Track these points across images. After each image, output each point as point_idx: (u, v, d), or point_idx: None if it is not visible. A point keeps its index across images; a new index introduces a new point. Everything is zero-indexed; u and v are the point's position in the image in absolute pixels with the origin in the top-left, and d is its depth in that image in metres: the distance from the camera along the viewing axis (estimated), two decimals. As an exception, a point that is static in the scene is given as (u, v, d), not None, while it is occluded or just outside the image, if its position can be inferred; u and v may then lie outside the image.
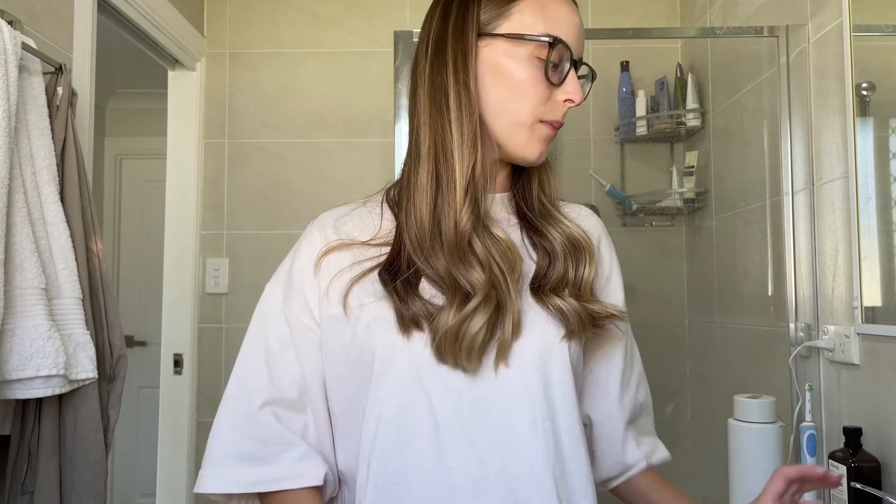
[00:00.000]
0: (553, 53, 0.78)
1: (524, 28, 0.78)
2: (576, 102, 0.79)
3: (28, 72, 1.36)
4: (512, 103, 0.79)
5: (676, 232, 2.50)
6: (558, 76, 0.79)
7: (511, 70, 0.78)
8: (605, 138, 2.51)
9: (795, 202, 1.65)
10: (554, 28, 0.78)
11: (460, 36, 0.78)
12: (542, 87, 0.78)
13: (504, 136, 0.81)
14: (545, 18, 0.78)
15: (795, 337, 1.62)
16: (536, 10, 0.79)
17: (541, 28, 0.78)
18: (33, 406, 1.37)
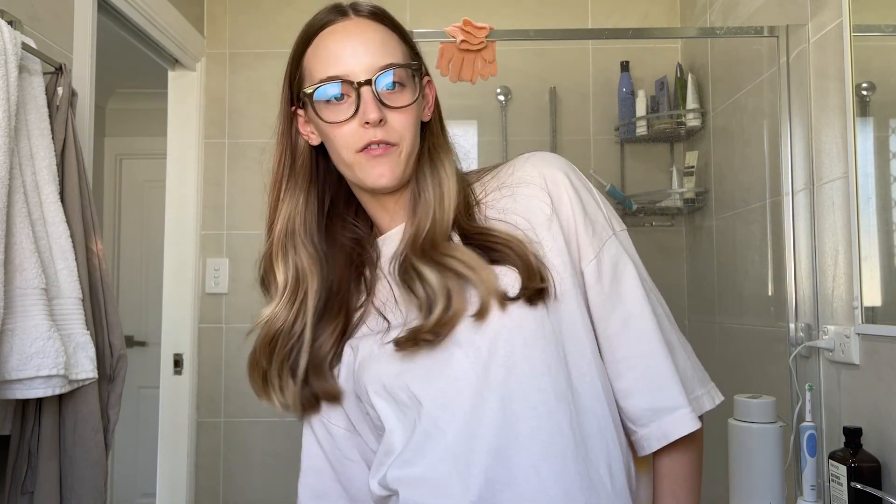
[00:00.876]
0: (327, 90, 0.81)
1: (308, 82, 0.84)
2: (371, 122, 0.79)
3: (28, 72, 1.36)
4: (333, 149, 0.84)
5: (676, 232, 2.50)
6: (352, 107, 0.80)
7: (319, 127, 0.85)
8: (605, 138, 2.51)
9: (795, 202, 1.65)
10: (327, 67, 0.81)
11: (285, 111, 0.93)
12: (344, 127, 0.81)
13: (350, 178, 0.86)
14: (318, 63, 0.83)
15: (795, 337, 1.62)
16: (312, 58, 0.84)
17: (318, 73, 0.82)
18: (33, 406, 1.37)
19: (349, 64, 0.81)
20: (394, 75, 0.81)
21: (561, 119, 2.52)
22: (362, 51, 0.81)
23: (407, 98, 0.82)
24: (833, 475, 1.33)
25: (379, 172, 0.81)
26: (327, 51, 0.82)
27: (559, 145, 2.51)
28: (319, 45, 0.83)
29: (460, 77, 1.68)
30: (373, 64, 0.81)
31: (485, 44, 1.67)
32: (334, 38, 0.82)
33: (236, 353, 2.44)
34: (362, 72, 0.80)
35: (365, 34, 0.83)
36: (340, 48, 0.81)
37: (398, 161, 0.82)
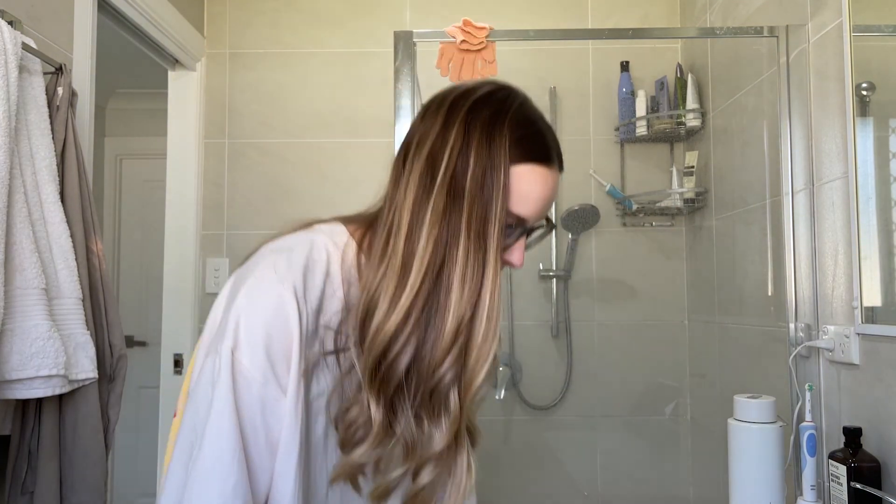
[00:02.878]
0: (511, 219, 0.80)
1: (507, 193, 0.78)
2: (516, 265, 0.83)
3: (28, 72, 1.37)
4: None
5: (676, 232, 2.51)
6: (512, 236, 0.82)
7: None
8: (605, 138, 2.52)
9: (795, 202, 1.65)
10: (523, 197, 0.79)
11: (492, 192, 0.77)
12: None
13: None
14: (522, 188, 0.79)
15: (795, 337, 1.62)
16: (525, 177, 0.79)
17: (520, 200, 0.79)
18: (33, 406, 1.37)
19: (536, 211, 0.81)
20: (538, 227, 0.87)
21: (561, 119, 2.52)
22: (548, 205, 0.84)
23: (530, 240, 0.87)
24: (833, 475, 1.33)
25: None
26: (534, 190, 0.80)
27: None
28: (533, 178, 0.80)
29: (460, 77, 1.68)
30: (543, 216, 0.85)
31: (485, 44, 1.67)
32: (544, 183, 0.81)
33: (236, 353, 2.44)
34: (535, 219, 0.83)
35: (555, 189, 0.85)
36: (540, 194, 0.81)
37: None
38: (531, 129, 0.84)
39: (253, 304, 0.74)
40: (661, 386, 2.47)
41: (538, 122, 0.86)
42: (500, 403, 2.46)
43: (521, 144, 0.80)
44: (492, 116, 0.81)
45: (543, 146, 0.83)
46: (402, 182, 0.80)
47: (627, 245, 2.50)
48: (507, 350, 2.47)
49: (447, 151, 0.78)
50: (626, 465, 2.45)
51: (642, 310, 2.48)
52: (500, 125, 0.80)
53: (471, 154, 0.78)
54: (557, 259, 2.48)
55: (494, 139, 0.79)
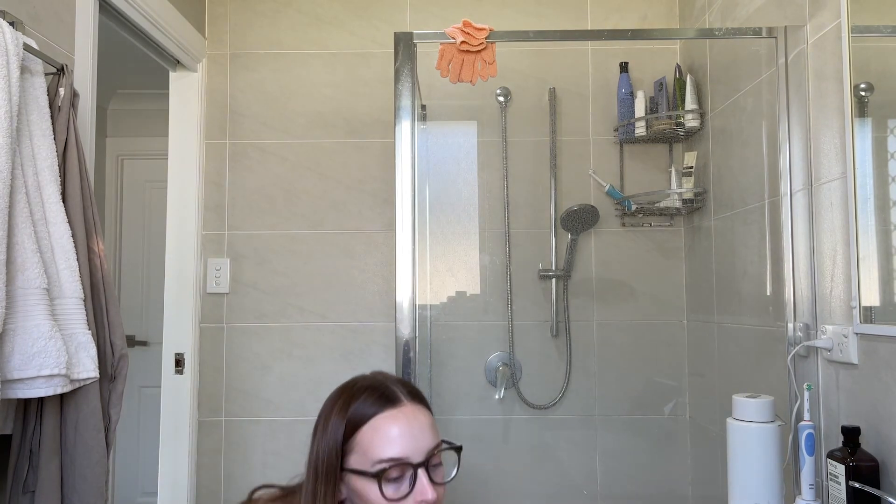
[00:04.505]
0: (391, 472, 0.92)
1: (361, 461, 0.94)
2: (429, 500, 0.92)
3: (30, 73, 1.37)
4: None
5: (675, 232, 2.51)
6: (407, 487, 0.93)
7: (367, 496, 0.93)
8: (604, 139, 2.52)
9: (794, 202, 1.65)
10: (385, 450, 0.93)
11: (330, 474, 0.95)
12: (396, 503, 0.92)
13: None
14: (377, 443, 0.94)
15: (794, 336, 1.63)
16: (369, 436, 0.94)
17: (374, 455, 0.93)
18: (35, 405, 1.38)
19: (409, 447, 0.94)
20: (438, 456, 0.97)
21: (560, 120, 2.53)
22: (419, 435, 0.95)
23: (443, 473, 0.98)
24: (831, 474, 1.33)
25: None
26: (390, 435, 0.94)
27: (558, 146, 2.52)
28: (380, 427, 0.95)
29: (460, 78, 1.68)
30: (426, 446, 0.95)
31: (484, 45, 1.67)
32: (396, 423, 0.95)
33: (237, 352, 2.45)
34: (419, 454, 0.94)
35: (418, 418, 0.97)
36: (400, 433, 0.94)
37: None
38: (356, 395, 0.98)
39: None
40: (660, 385, 2.47)
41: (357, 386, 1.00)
42: (499, 403, 2.46)
43: (353, 410, 0.96)
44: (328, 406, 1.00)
45: (376, 398, 0.97)
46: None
47: (626, 245, 2.50)
48: (506, 350, 2.47)
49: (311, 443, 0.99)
50: (626, 464, 2.45)
51: (641, 310, 2.49)
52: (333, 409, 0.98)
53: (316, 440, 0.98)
54: (557, 259, 2.49)
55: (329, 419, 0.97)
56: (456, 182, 2.52)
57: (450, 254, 2.50)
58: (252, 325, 2.47)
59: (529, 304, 2.49)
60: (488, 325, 2.49)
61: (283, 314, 2.47)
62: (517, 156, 2.53)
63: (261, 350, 2.46)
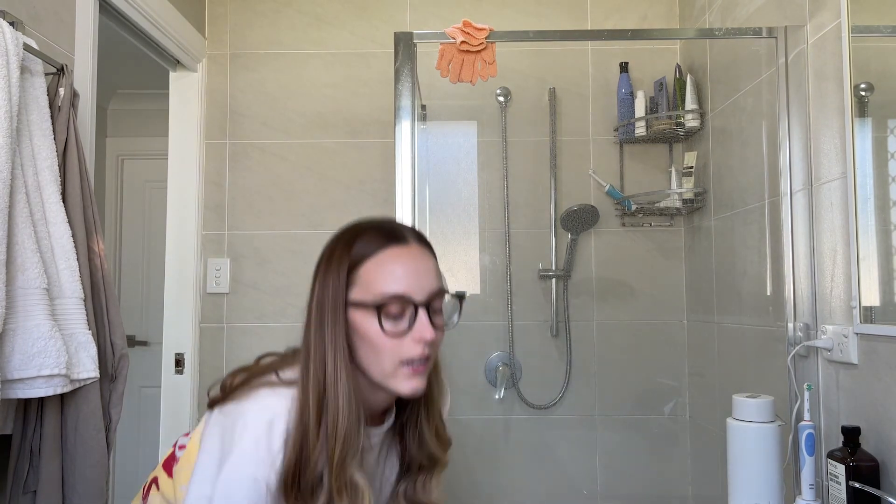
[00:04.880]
0: (392, 307, 0.91)
1: (363, 293, 0.93)
2: (427, 339, 0.92)
3: (30, 73, 1.37)
4: (374, 357, 0.93)
5: (675, 232, 2.51)
6: (406, 324, 0.92)
7: (367, 331, 0.92)
8: (604, 139, 2.52)
9: (794, 202, 1.65)
10: (389, 284, 0.92)
11: (333, 307, 0.93)
12: (396, 339, 0.92)
13: (377, 378, 0.94)
14: (380, 277, 0.92)
15: (794, 336, 1.63)
16: (373, 271, 0.93)
17: (377, 289, 0.92)
18: (35, 405, 1.38)
19: (412, 285, 0.93)
20: (440, 300, 0.96)
21: (560, 120, 2.52)
22: (423, 275, 0.94)
23: (443, 319, 0.98)
24: (832, 474, 1.33)
25: (413, 386, 0.94)
26: (394, 269, 0.93)
27: (558, 146, 2.52)
28: (384, 262, 0.93)
29: (460, 78, 1.68)
30: (429, 288, 0.94)
31: (484, 45, 1.67)
32: (401, 260, 0.94)
33: (237, 352, 2.45)
34: (421, 293, 0.93)
35: (424, 260, 0.96)
36: (404, 270, 0.93)
37: (427, 374, 0.96)
38: (361, 231, 0.96)
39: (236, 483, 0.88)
40: (660, 385, 2.47)
41: (364, 225, 0.98)
42: (499, 403, 2.46)
43: (358, 246, 0.94)
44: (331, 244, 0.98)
45: (382, 235, 0.95)
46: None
47: (626, 245, 2.50)
48: (506, 350, 2.47)
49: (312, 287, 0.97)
50: (626, 464, 2.45)
51: (641, 309, 2.49)
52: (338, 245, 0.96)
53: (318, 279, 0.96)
54: (557, 259, 2.49)
55: (333, 256, 0.95)
56: (456, 182, 2.52)
57: (450, 254, 2.50)
58: (252, 325, 2.47)
59: (529, 304, 2.49)
60: (488, 325, 2.49)
61: (283, 314, 2.47)
62: (517, 156, 2.53)
63: (261, 350, 2.45)
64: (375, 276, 0.92)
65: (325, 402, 0.90)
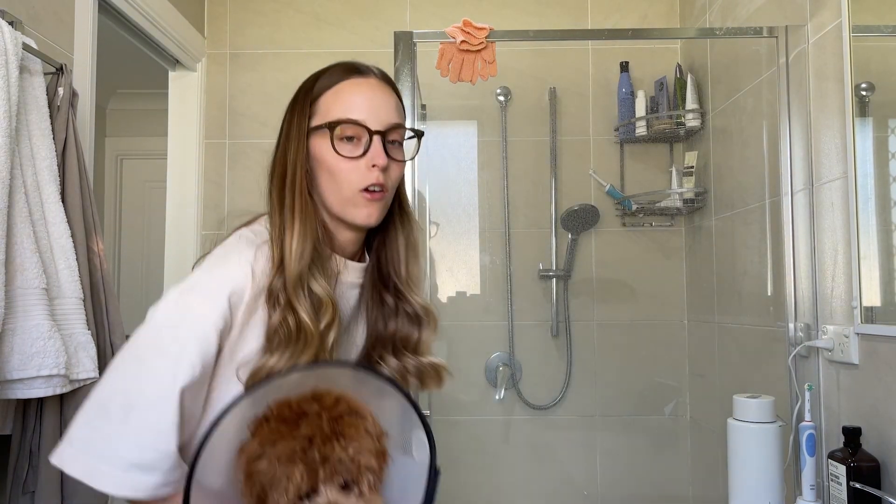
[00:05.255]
0: (345, 129, 0.93)
1: (320, 120, 0.95)
2: (379, 165, 0.93)
3: (29, 72, 1.37)
4: (332, 183, 0.95)
5: (676, 232, 2.51)
6: (361, 150, 0.93)
7: (323, 155, 0.95)
8: (604, 139, 2.52)
9: (795, 202, 1.65)
10: (344, 111, 0.94)
11: (294, 136, 0.97)
12: (350, 162, 0.93)
13: (336, 209, 0.96)
14: (337, 104, 0.95)
15: (795, 337, 1.62)
16: (331, 99, 0.96)
17: (333, 114, 0.94)
18: (34, 406, 1.38)
19: (368, 114, 0.94)
20: (398, 134, 0.97)
21: (560, 119, 2.52)
22: (381, 106, 0.96)
23: (402, 155, 0.98)
24: (832, 475, 1.33)
25: (368, 213, 0.95)
26: (350, 97, 0.95)
27: (559, 146, 2.51)
28: (342, 90, 0.96)
29: (460, 77, 1.68)
30: (386, 120, 0.95)
31: (484, 44, 1.67)
32: (359, 89, 0.96)
33: (237, 352, 2.44)
34: (377, 123, 0.94)
35: (383, 93, 0.98)
36: (362, 99, 0.95)
37: (384, 206, 0.97)
38: (327, 69, 1.01)
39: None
40: (661, 386, 2.47)
41: (332, 64, 1.02)
42: (499, 403, 2.46)
43: (322, 80, 0.99)
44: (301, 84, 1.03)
45: (344, 69, 0.99)
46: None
47: (627, 245, 2.50)
48: (506, 350, 2.47)
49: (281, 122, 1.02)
50: (626, 464, 2.45)
51: (642, 310, 2.48)
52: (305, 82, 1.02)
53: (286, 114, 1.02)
54: (557, 259, 2.49)
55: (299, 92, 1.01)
56: (456, 182, 2.52)
57: (450, 254, 2.50)
58: (252, 325, 2.46)
59: (529, 304, 2.49)
60: (488, 325, 2.48)
61: (282, 314, 2.46)
62: (517, 156, 2.52)
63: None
64: (332, 104, 0.95)
65: (284, 223, 0.92)
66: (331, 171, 0.94)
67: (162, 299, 0.89)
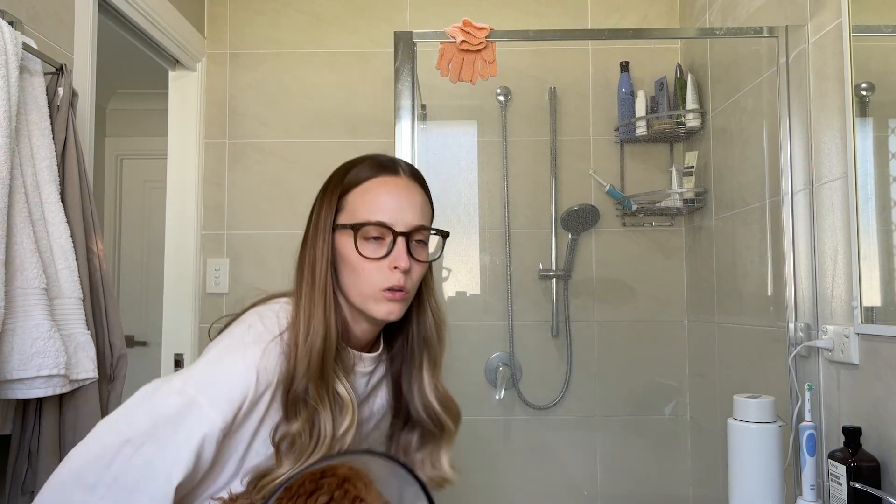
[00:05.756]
0: (370, 231, 0.95)
1: (347, 218, 0.97)
2: (401, 267, 0.95)
3: (29, 72, 1.37)
4: (353, 279, 0.97)
5: (676, 232, 2.51)
6: (384, 251, 0.95)
7: (347, 254, 0.96)
8: (604, 138, 2.52)
9: (795, 202, 1.65)
10: (371, 212, 0.96)
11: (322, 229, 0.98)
12: (373, 263, 0.95)
13: (357, 302, 0.98)
14: (364, 204, 0.96)
15: (795, 337, 1.62)
16: (359, 197, 0.97)
17: (360, 215, 0.96)
18: (34, 406, 1.37)
19: (394, 215, 0.96)
20: (423, 234, 0.99)
21: (560, 119, 2.52)
22: (407, 207, 0.97)
23: (425, 255, 1.00)
24: (832, 475, 1.33)
25: (389, 310, 0.97)
26: (378, 198, 0.97)
27: (559, 146, 2.51)
28: (370, 189, 0.97)
29: (460, 77, 1.68)
30: (412, 221, 0.97)
31: (485, 44, 1.67)
32: (386, 188, 0.97)
33: (236, 353, 2.44)
34: (402, 224, 0.96)
35: (410, 193, 0.99)
36: (389, 199, 0.97)
37: (405, 303, 0.99)
38: (358, 162, 1.01)
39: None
40: (661, 386, 2.47)
41: (364, 157, 1.02)
42: (499, 403, 2.46)
43: (352, 174, 0.99)
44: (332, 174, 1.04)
45: (374, 165, 0.99)
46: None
47: (627, 245, 2.50)
48: (506, 350, 2.47)
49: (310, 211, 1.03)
50: (626, 464, 2.45)
51: (642, 310, 2.48)
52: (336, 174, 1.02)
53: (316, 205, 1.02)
54: (557, 259, 2.48)
55: (329, 183, 1.02)
56: (456, 182, 2.52)
57: (450, 254, 2.50)
58: (252, 326, 2.46)
59: (529, 304, 2.49)
60: (488, 325, 2.48)
61: (282, 314, 2.46)
62: (517, 156, 2.52)
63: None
64: (360, 203, 0.97)
65: (309, 316, 0.93)
66: (354, 269, 0.96)
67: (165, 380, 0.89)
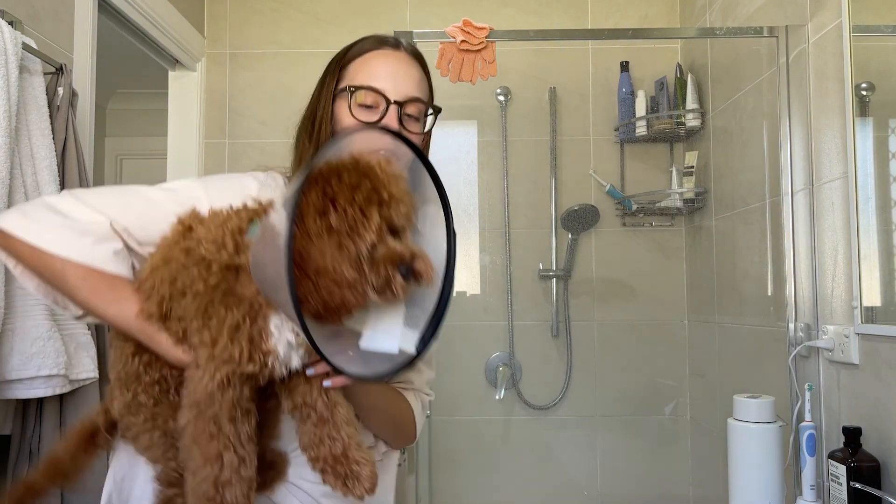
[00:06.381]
0: (364, 97, 0.96)
1: (345, 83, 0.99)
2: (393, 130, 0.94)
3: (29, 72, 1.37)
4: None
5: (676, 232, 2.51)
6: (376, 116, 0.96)
7: (342, 118, 0.98)
8: (604, 138, 2.52)
9: (795, 202, 1.65)
10: (367, 78, 0.97)
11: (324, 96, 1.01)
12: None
13: None
14: (363, 71, 0.99)
15: (795, 337, 1.62)
16: (358, 66, 1.00)
17: (357, 81, 0.98)
18: (34, 406, 1.37)
19: (389, 84, 0.97)
20: (416, 108, 0.98)
21: (560, 119, 2.52)
22: (402, 78, 0.98)
23: (419, 129, 1.00)
24: (832, 475, 1.33)
25: None
26: (376, 67, 0.98)
27: (559, 145, 2.51)
28: (370, 59, 0.99)
29: (460, 77, 1.68)
30: (406, 92, 0.98)
31: (484, 44, 1.67)
32: (385, 59, 0.99)
33: (236, 352, 2.44)
34: (396, 94, 0.97)
35: (409, 67, 1.00)
36: (386, 68, 0.98)
37: None
38: (363, 38, 1.03)
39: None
40: (661, 386, 2.47)
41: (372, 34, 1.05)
42: (499, 403, 2.46)
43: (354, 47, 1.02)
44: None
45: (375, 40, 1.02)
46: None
47: (627, 245, 2.50)
48: (506, 350, 2.47)
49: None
50: (626, 464, 2.45)
51: (642, 310, 2.48)
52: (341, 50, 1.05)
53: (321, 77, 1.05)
54: (557, 259, 2.48)
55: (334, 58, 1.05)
56: (456, 182, 2.52)
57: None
58: (252, 325, 2.46)
59: (529, 304, 2.49)
60: (488, 325, 2.48)
61: (282, 314, 2.47)
62: (517, 156, 2.52)
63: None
64: (358, 71, 0.99)
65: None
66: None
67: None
